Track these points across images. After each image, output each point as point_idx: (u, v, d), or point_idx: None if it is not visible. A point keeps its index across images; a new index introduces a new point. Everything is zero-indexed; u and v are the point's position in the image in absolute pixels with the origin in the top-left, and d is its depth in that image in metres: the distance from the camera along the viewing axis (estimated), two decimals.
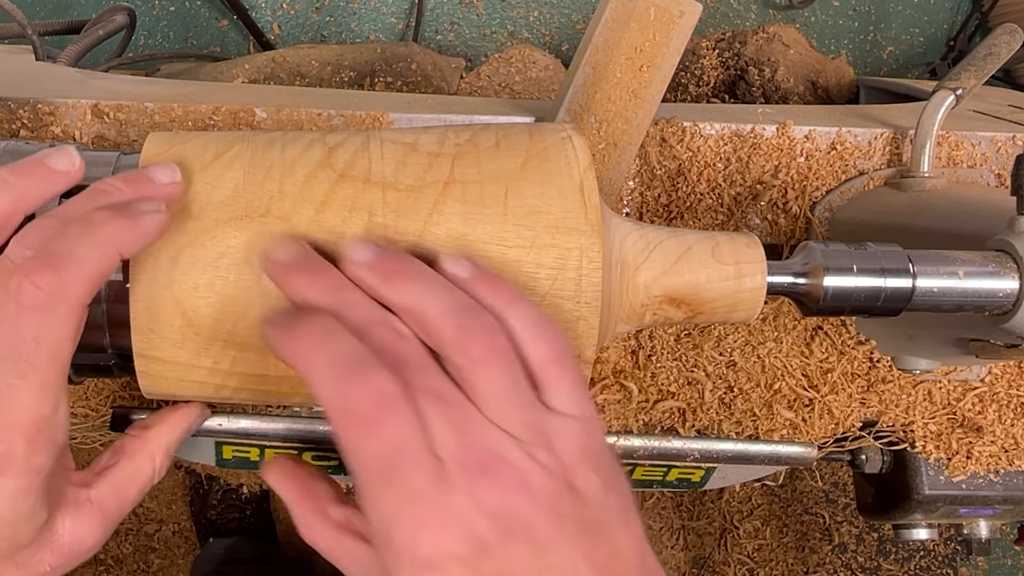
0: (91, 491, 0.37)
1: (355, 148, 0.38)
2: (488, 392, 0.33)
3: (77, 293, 0.32)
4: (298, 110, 0.52)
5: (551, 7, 1.21)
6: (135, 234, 0.34)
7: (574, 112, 0.51)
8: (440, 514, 0.31)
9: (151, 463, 0.39)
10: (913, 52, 1.30)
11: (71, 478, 0.36)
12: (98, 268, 0.33)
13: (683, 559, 1.49)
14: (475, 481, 0.31)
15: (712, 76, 0.89)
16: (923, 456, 0.58)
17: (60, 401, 0.33)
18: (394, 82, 0.80)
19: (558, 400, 0.34)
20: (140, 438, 0.40)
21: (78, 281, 0.32)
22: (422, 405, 0.32)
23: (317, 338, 0.32)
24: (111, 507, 0.37)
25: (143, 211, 0.34)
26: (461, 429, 0.32)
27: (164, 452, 0.40)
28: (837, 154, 0.56)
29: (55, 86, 0.54)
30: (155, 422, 0.41)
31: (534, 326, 0.34)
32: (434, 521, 0.31)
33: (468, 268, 0.35)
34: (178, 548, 1.41)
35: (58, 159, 0.35)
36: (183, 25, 1.14)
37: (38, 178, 0.35)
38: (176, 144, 0.38)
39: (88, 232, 0.33)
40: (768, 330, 0.56)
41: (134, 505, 0.38)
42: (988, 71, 0.57)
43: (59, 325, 0.32)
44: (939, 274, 0.40)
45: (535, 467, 0.32)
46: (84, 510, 0.36)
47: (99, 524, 0.36)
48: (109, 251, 0.33)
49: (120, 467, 0.38)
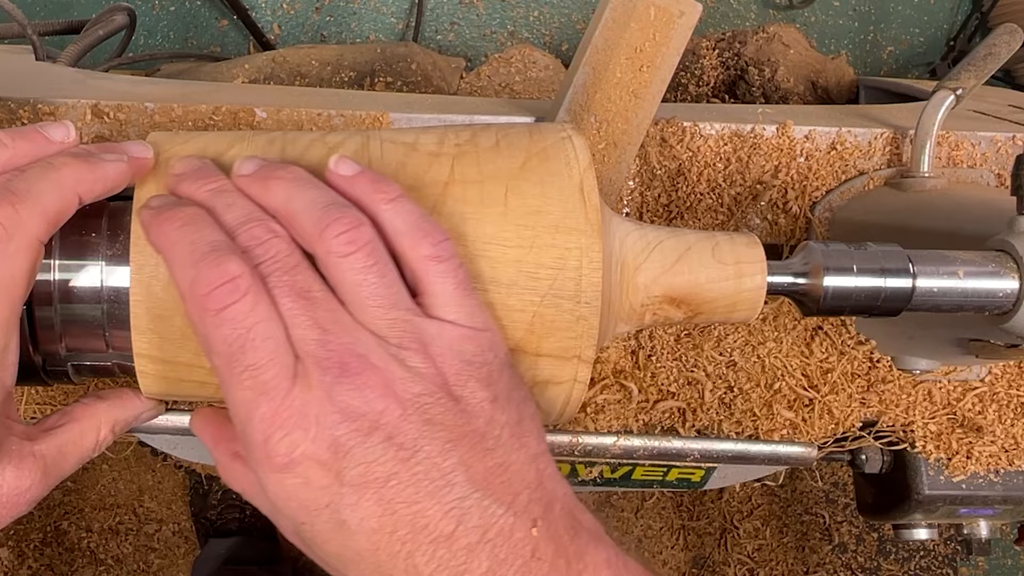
0: (35, 445, 0.36)
1: (355, 148, 0.38)
2: (355, 290, 0.32)
3: (33, 228, 0.33)
4: (298, 110, 0.52)
5: (551, 7, 1.21)
6: (93, 177, 0.35)
7: (574, 112, 0.51)
8: (295, 413, 0.30)
9: (95, 433, 0.39)
10: (913, 52, 1.30)
11: (14, 428, 0.36)
12: (56, 206, 0.33)
13: (683, 559, 1.49)
14: (334, 380, 0.30)
15: (712, 76, 0.89)
16: (923, 456, 0.58)
17: (9, 340, 0.33)
18: (394, 82, 0.80)
19: (438, 305, 0.33)
20: (91, 407, 0.39)
21: (35, 216, 0.33)
22: (282, 300, 0.31)
23: (185, 224, 0.32)
24: (52, 466, 0.36)
25: (104, 159, 0.35)
26: (322, 327, 0.31)
27: (110, 426, 0.39)
28: (837, 154, 0.56)
29: (55, 86, 0.54)
30: (110, 395, 0.40)
31: (415, 224, 0.33)
32: (289, 420, 0.30)
33: (351, 167, 0.34)
34: (178, 548, 1.41)
35: (55, 130, 0.36)
36: (183, 25, 1.14)
37: (33, 143, 0.36)
38: (176, 144, 0.38)
39: (47, 171, 0.34)
40: (768, 330, 0.56)
41: (70, 472, 0.37)
42: (988, 71, 0.57)
43: (12, 259, 0.32)
44: (939, 274, 0.40)
45: (402, 370, 0.31)
46: (27, 463, 0.35)
47: (40, 479, 0.35)
48: (67, 190, 0.34)
49: (67, 428, 0.38)
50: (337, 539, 0.30)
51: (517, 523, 0.30)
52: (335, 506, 0.30)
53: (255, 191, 0.34)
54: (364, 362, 0.30)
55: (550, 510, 0.32)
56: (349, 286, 0.32)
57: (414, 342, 0.32)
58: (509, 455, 0.31)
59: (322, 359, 0.30)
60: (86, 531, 1.40)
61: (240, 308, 0.30)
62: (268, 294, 0.31)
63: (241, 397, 0.30)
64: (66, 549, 1.40)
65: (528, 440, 0.32)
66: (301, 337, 0.31)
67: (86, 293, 0.37)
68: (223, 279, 0.30)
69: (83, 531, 1.40)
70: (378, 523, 0.30)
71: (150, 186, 0.36)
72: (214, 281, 0.30)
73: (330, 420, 0.30)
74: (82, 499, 1.41)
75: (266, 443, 0.30)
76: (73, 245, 0.37)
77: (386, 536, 0.30)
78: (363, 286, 0.32)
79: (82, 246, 0.37)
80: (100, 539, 1.41)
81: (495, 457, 0.31)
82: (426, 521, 0.30)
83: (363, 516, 0.30)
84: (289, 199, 0.33)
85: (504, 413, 0.32)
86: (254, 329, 0.30)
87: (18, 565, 1.38)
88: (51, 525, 1.40)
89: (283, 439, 0.30)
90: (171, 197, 0.35)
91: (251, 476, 0.33)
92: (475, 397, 0.32)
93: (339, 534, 0.30)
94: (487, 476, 0.31)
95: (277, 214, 0.33)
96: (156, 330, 0.36)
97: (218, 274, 0.30)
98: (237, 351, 0.30)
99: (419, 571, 0.30)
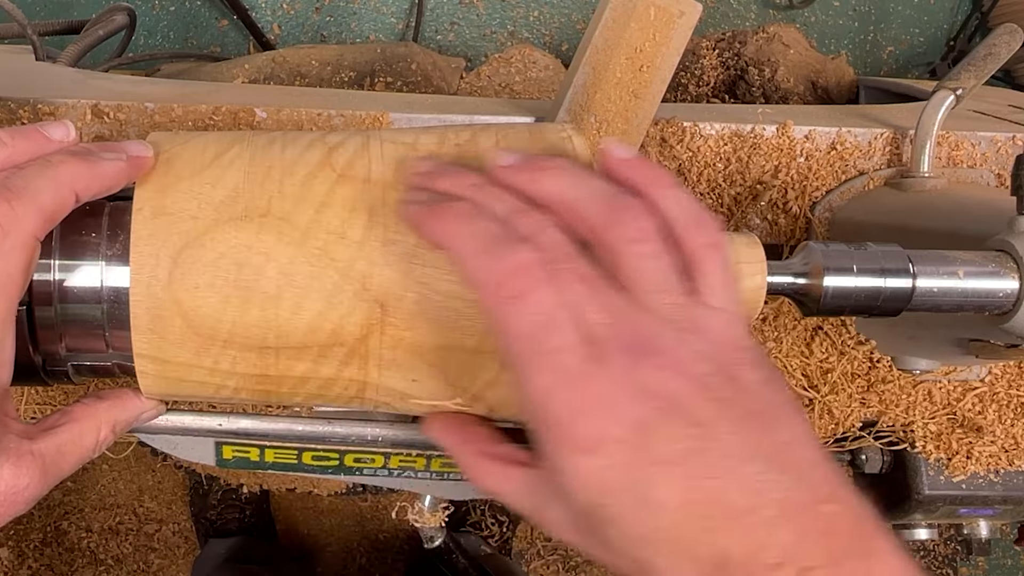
0: (34, 444, 0.36)
1: (355, 148, 0.38)
2: (640, 276, 0.32)
3: (29, 225, 0.33)
4: (298, 110, 0.52)
5: (551, 7, 1.21)
6: (91, 174, 0.35)
7: (574, 112, 0.51)
8: (597, 395, 0.30)
9: (95, 433, 0.38)
10: (913, 52, 1.30)
11: (13, 427, 0.35)
12: (52, 203, 0.34)
13: None
14: (632, 362, 0.30)
15: (712, 76, 0.89)
16: (923, 456, 0.58)
17: (5, 337, 0.33)
18: (394, 82, 0.80)
19: (711, 291, 0.33)
20: (91, 407, 0.39)
21: (31, 213, 0.33)
22: (571, 286, 0.31)
23: (462, 217, 0.33)
24: (51, 465, 0.36)
25: (103, 157, 0.35)
26: (612, 311, 0.31)
27: (110, 426, 0.39)
28: (837, 154, 0.56)
29: (55, 86, 0.54)
30: (110, 395, 0.40)
31: (694, 213, 0.34)
32: (591, 402, 0.30)
33: (626, 150, 0.35)
34: (178, 548, 1.41)
35: (55, 128, 0.37)
36: (183, 25, 1.14)
37: (32, 141, 0.36)
38: (176, 144, 0.38)
39: (44, 169, 0.34)
40: (768, 330, 0.56)
41: (70, 473, 0.37)
42: (988, 71, 0.57)
43: (8, 256, 0.32)
44: (939, 274, 0.40)
45: (689, 352, 0.31)
46: (25, 461, 0.35)
47: (39, 478, 0.35)
48: (64, 187, 0.34)
49: (66, 428, 0.37)
50: (639, 519, 0.30)
51: (810, 498, 0.30)
52: (640, 485, 0.30)
53: (521, 182, 0.34)
54: (655, 344, 0.31)
55: (837, 488, 0.31)
56: (634, 272, 0.32)
57: (695, 326, 0.32)
58: (790, 433, 0.31)
59: (617, 342, 0.31)
60: (86, 531, 1.41)
61: (539, 294, 0.31)
62: (559, 280, 0.31)
63: (542, 382, 0.30)
64: (66, 549, 1.40)
65: (797, 420, 0.32)
66: (593, 322, 0.31)
67: (86, 293, 0.37)
68: (519, 267, 0.31)
69: (83, 531, 1.41)
70: (682, 499, 0.29)
71: (151, 186, 0.36)
72: (511, 269, 0.31)
73: (632, 401, 0.30)
74: (82, 499, 1.41)
75: (570, 426, 0.30)
76: (73, 245, 0.37)
77: (689, 513, 0.29)
78: (648, 272, 0.32)
79: (82, 246, 0.37)
80: (100, 539, 1.41)
81: (779, 435, 0.31)
82: (728, 496, 0.29)
83: (668, 494, 0.29)
84: (566, 188, 0.33)
85: (775, 394, 0.32)
86: (553, 314, 0.31)
87: (18, 565, 1.38)
88: (51, 525, 1.40)
89: (588, 422, 0.30)
90: (430, 193, 0.35)
91: (533, 480, 0.34)
92: (750, 378, 0.32)
93: (642, 513, 0.30)
94: (776, 453, 0.31)
95: (551, 203, 0.33)
96: (156, 330, 0.36)
97: (514, 262, 0.31)
98: (539, 336, 0.30)
99: (720, 547, 0.29)
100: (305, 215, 0.36)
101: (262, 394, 0.38)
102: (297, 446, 0.53)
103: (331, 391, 0.38)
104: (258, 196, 0.36)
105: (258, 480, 1.15)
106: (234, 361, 0.37)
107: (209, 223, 0.36)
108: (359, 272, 0.36)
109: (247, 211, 0.36)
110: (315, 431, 0.52)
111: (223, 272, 0.35)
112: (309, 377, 0.37)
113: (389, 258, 0.36)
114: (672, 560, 0.30)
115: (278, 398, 0.39)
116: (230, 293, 0.35)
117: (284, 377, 0.37)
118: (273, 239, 0.36)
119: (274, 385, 0.38)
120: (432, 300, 0.36)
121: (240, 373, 0.37)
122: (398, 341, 0.36)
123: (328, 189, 0.37)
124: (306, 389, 0.38)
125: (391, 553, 1.45)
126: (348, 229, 0.36)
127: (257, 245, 0.35)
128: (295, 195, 0.36)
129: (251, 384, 0.38)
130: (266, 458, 0.55)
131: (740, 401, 0.31)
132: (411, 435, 0.48)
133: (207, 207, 0.36)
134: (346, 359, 0.37)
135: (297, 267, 0.35)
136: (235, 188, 0.36)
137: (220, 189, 0.36)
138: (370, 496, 1.41)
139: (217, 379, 0.37)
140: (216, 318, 0.35)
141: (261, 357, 0.36)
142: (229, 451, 0.55)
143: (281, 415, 0.52)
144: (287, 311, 0.36)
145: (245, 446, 0.54)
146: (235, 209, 0.36)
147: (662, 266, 0.32)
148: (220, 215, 0.36)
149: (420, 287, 0.36)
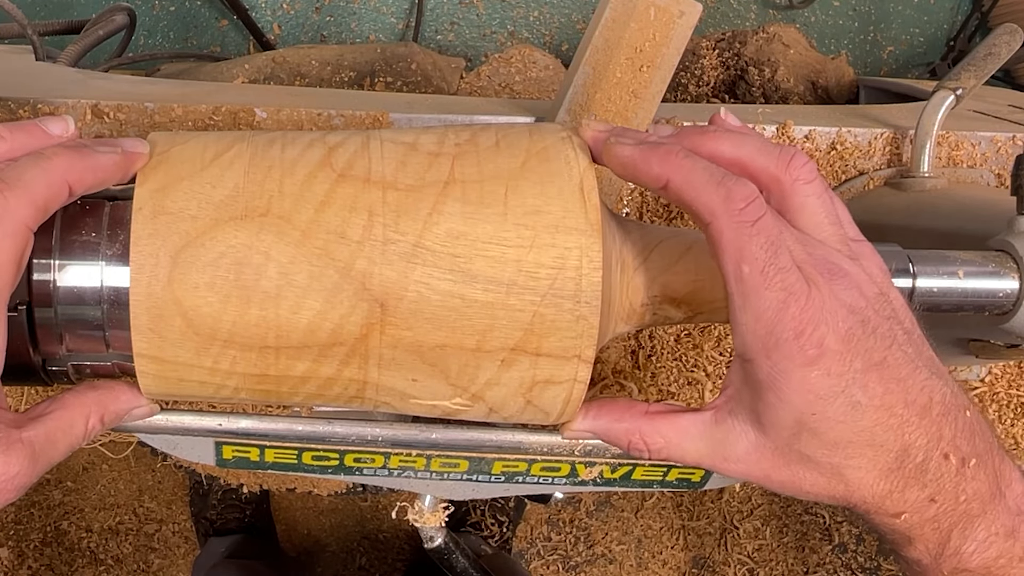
0: (23, 432, 0.36)
1: (355, 148, 0.38)
2: (815, 212, 0.37)
3: (22, 215, 0.33)
4: (298, 110, 0.52)
5: (551, 7, 1.21)
6: (83, 165, 0.35)
7: (574, 112, 0.51)
8: (817, 310, 0.34)
9: (84, 422, 0.38)
10: (913, 52, 1.30)
11: (2, 416, 0.35)
12: (45, 193, 0.34)
13: (683, 559, 1.50)
14: (834, 283, 0.35)
15: (712, 76, 0.89)
16: None
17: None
18: (394, 82, 0.80)
19: (850, 226, 0.38)
20: (81, 395, 0.39)
21: (24, 203, 0.33)
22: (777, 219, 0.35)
23: (685, 156, 0.36)
24: (41, 453, 0.36)
25: (97, 150, 0.36)
26: (802, 243, 0.35)
27: (99, 416, 0.39)
28: (837, 154, 0.56)
29: (55, 86, 0.54)
30: (102, 386, 0.40)
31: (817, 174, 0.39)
32: (815, 317, 0.34)
33: (736, 119, 0.40)
34: (178, 548, 1.41)
35: (54, 124, 0.38)
36: (183, 25, 1.14)
37: (31, 136, 0.37)
38: (176, 144, 0.38)
39: (37, 160, 0.35)
40: None
41: (60, 459, 0.37)
42: (988, 71, 0.57)
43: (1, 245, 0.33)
44: (939, 274, 0.40)
45: (863, 275, 0.36)
46: (15, 448, 0.35)
47: (29, 466, 0.35)
48: (56, 178, 0.35)
49: (55, 416, 0.37)
50: (846, 421, 0.35)
51: (959, 403, 0.36)
52: (850, 390, 0.34)
53: (692, 143, 0.37)
54: (842, 269, 0.35)
55: (969, 399, 0.37)
56: (809, 208, 0.37)
57: (855, 254, 0.37)
58: (929, 350, 0.37)
59: (817, 266, 0.35)
60: (86, 531, 1.41)
61: (769, 219, 0.34)
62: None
63: (772, 298, 0.34)
64: (66, 549, 1.40)
65: (925, 337, 0.37)
66: (793, 249, 0.35)
67: (86, 293, 0.37)
68: (750, 196, 0.34)
69: (83, 531, 1.41)
70: (881, 400, 0.34)
71: (151, 185, 0.36)
72: (748, 196, 0.34)
73: (840, 315, 0.34)
74: (82, 499, 1.41)
75: (798, 338, 0.34)
76: (73, 245, 0.37)
77: (886, 412, 0.35)
78: (821, 208, 0.37)
79: (82, 246, 0.37)
80: (100, 539, 1.41)
81: (927, 350, 0.36)
82: (913, 397, 0.35)
83: (871, 395, 0.34)
84: (738, 145, 0.37)
85: (911, 317, 0.37)
86: (780, 238, 0.34)
87: (18, 565, 1.38)
88: (51, 525, 1.40)
89: (813, 333, 0.34)
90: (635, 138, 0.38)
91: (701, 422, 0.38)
92: (898, 302, 0.37)
93: (850, 415, 0.35)
94: (931, 362, 0.36)
95: (723, 158, 0.37)
96: (156, 330, 0.36)
97: (748, 191, 0.34)
98: (772, 256, 0.34)
99: (907, 440, 0.35)
100: (305, 215, 0.36)
101: (262, 394, 0.38)
102: (297, 446, 0.53)
103: (331, 391, 0.38)
104: (258, 196, 0.36)
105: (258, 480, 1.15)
106: (234, 361, 0.37)
107: (209, 223, 0.36)
108: (359, 272, 0.36)
109: (247, 211, 0.36)
110: (315, 431, 0.52)
111: (223, 272, 0.35)
112: (309, 377, 0.37)
113: (389, 258, 0.36)
114: (866, 457, 0.35)
115: (278, 398, 0.39)
116: (230, 293, 0.35)
117: (284, 377, 0.37)
118: (273, 239, 0.36)
119: (274, 385, 0.38)
120: (432, 300, 0.36)
121: (240, 373, 0.37)
122: (398, 341, 0.36)
123: (328, 189, 0.37)
124: (306, 389, 0.38)
125: (391, 553, 1.45)
126: (348, 229, 0.36)
127: (257, 245, 0.35)
128: (295, 195, 0.36)
129: (251, 384, 0.38)
130: (266, 458, 0.55)
131: (897, 318, 0.36)
132: (411, 435, 0.48)
133: (207, 207, 0.36)
134: (346, 359, 0.37)
135: (297, 267, 0.35)
136: (235, 188, 0.36)
137: (220, 189, 0.36)
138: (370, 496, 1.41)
139: (217, 379, 0.37)
140: (216, 318, 0.36)
141: (261, 357, 0.36)
142: (229, 451, 0.55)
143: (281, 415, 0.52)
144: (287, 311, 0.36)
145: (245, 446, 0.54)
146: (235, 209, 0.36)
147: (825, 202, 0.37)
148: (220, 215, 0.36)
149: (420, 287, 0.36)
